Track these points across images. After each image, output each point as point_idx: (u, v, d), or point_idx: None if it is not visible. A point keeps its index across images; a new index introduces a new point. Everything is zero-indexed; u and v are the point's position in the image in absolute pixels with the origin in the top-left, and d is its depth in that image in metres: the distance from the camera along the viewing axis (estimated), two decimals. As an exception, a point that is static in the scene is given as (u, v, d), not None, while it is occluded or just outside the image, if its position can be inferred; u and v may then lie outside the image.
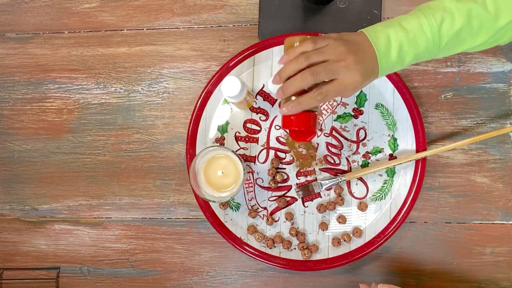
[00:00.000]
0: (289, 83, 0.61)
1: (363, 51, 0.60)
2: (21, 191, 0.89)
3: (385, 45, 0.60)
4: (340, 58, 0.59)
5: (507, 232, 0.80)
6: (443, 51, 0.63)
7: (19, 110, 0.89)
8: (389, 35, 0.60)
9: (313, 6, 0.83)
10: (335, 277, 0.82)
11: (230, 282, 0.84)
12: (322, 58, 0.60)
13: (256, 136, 0.82)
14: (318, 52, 0.60)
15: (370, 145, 0.81)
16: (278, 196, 0.82)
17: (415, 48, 0.61)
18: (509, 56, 0.81)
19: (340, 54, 0.60)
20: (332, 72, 0.60)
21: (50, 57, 0.89)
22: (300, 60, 0.60)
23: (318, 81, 0.60)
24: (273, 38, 0.81)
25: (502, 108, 0.81)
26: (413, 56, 0.61)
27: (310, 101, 0.61)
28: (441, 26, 0.60)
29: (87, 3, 0.89)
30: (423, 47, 0.61)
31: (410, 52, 0.61)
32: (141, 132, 0.87)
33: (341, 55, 0.60)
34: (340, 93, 0.61)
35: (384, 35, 0.60)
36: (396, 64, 0.62)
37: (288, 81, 0.61)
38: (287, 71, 0.61)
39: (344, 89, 0.60)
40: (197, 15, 0.87)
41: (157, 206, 0.86)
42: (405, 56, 0.61)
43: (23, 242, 0.89)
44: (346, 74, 0.59)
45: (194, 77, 0.86)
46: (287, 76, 0.61)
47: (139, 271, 0.86)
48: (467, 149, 0.81)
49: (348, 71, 0.59)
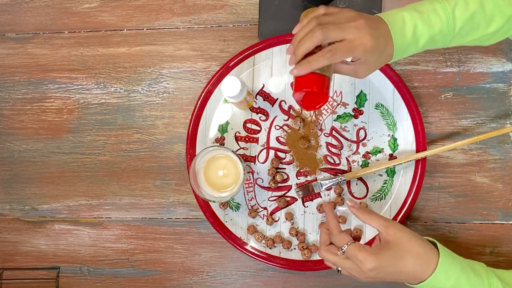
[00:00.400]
0: (300, 44, 0.60)
1: (376, 22, 0.60)
2: (21, 191, 0.89)
3: (399, 23, 0.60)
4: (351, 19, 0.59)
5: (507, 232, 0.80)
6: (458, 37, 0.63)
7: (19, 110, 0.89)
8: (404, 16, 0.61)
9: (313, 6, 0.83)
10: (335, 277, 0.82)
11: (230, 282, 0.84)
12: (333, 19, 0.60)
13: (256, 136, 0.82)
14: (329, 15, 0.61)
15: (370, 145, 0.81)
16: (278, 196, 0.82)
17: (429, 29, 0.61)
18: (509, 56, 0.81)
19: (351, 17, 0.60)
20: (342, 30, 0.59)
21: (50, 57, 0.89)
22: (311, 22, 0.60)
23: (327, 39, 0.59)
24: (273, 38, 0.81)
25: (502, 108, 0.81)
26: (428, 37, 0.61)
27: (320, 59, 0.59)
28: (454, 8, 0.61)
29: (87, 3, 0.89)
30: (437, 29, 0.61)
31: (425, 32, 0.61)
32: (141, 132, 0.87)
33: (352, 18, 0.60)
34: (350, 52, 0.59)
35: (398, 16, 0.61)
36: (411, 44, 0.61)
37: (299, 42, 0.61)
38: (299, 35, 0.61)
39: (353, 49, 0.59)
40: (197, 15, 0.87)
41: (157, 206, 0.86)
42: (420, 36, 0.61)
43: (23, 242, 0.89)
44: (356, 34, 0.58)
45: (194, 77, 0.86)
46: (299, 40, 0.61)
47: (139, 271, 0.86)
48: (467, 149, 0.81)
49: (359, 31, 0.59)
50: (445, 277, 0.60)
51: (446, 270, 0.60)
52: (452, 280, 0.61)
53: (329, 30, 0.59)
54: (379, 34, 0.59)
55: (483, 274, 0.63)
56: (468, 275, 0.61)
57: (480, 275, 0.62)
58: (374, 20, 0.60)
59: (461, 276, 0.61)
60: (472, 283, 0.61)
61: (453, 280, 0.61)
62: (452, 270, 0.61)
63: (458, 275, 0.61)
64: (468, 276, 0.61)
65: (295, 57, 0.62)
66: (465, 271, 0.61)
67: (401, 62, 0.82)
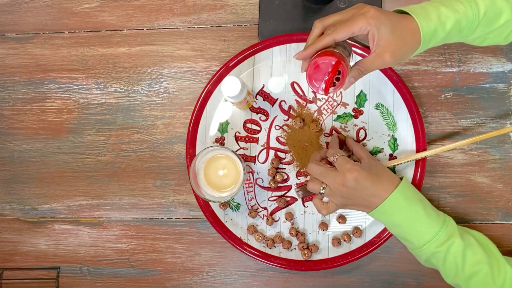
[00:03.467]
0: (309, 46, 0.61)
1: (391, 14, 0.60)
2: (21, 191, 0.89)
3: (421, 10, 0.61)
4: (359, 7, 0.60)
5: (507, 232, 0.80)
6: (483, 24, 0.63)
7: (19, 110, 0.89)
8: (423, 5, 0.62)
9: (313, 6, 0.83)
10: (335, 277, 0.82)
11: (230, 282, 0.84)
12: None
13: (256, 136, 0.82)
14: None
15: (370, 145, 0.80)
16: (278, 196, 0.82)
17: (454, 13, 0.61)
18: (509, 56, 0.81)
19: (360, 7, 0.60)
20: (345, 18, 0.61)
21: (50, 57, 0.89)
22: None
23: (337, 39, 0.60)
24: (273, 38, 0.81)
25: (502, 108, 0.81)
26: (454, 21, 0.61)
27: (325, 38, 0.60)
28: None
29: (87, 3, 0.89)
30: (462, 12, 0.61)
31: (450, 15, 0.61)
32: (141, 132, 0.87)
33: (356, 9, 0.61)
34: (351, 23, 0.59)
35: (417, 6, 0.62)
36: (438, 27, 0.61)
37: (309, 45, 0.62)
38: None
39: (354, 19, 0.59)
40: (197, 15, 0.87)
41: (157, 206, 0.86)
42: (446, 19, 0.61)
43: (23, 242, 0.89)
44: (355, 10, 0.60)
45: (194, 77, 0.86)
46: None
47: (139, 271, 0.86)
48: (467, 149, 0.81)
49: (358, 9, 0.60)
50: (404, 198, 0.67)
51: (406, 191, 0.68)
52: (409, 203, 0.67)
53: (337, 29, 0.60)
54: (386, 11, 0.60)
55: (437, 211, 0.70)
56: (425, 205, 0.69)
57: (435, 210, 0.70)
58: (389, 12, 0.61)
59: (418, 203, 0.68)
60: (428, 212, 0.68)
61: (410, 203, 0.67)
62: (411, 194, 0.68)
63: (415, 201, 0.68)
64: (425, 205, 0.68)
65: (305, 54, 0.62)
66: (422, 201, 0.69)
67: (401, 62, 0.82)
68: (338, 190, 0.68)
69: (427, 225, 0.67)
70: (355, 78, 0.62)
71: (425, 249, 0.67)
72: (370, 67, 0.61)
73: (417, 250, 0.68)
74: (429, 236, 0.66)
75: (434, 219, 0.67)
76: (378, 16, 0.59)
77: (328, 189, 0.70)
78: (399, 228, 0.69)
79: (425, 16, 0.60)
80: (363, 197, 0.68)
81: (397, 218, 0.68)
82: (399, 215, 0.67)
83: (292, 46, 0.82)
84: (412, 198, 0.68)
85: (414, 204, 0.67)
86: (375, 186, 0.67)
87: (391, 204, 0.67)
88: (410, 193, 0.68)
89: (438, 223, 0.67)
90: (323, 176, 0.70)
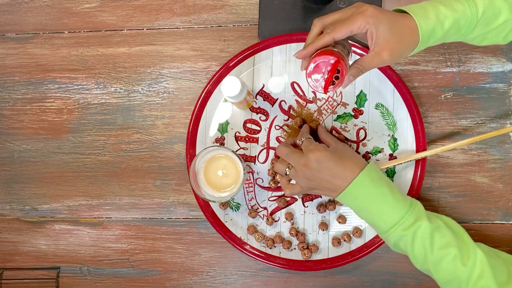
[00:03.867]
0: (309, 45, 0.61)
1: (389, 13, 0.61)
2: (21, 191, 0.89)
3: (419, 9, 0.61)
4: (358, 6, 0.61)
5: (507, 232, 0.80)
6: (481, 23, 0.63)
7: (19, 110, 0.89)
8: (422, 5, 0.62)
9: (313, 6, 0.83)
10: (335, 277, 0.82)
11: (230, 282, 0.84)
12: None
13: (256, 136, 0.82)
14: None
15: (370, 145, 0.81)
16: (278, 196, 0.82)
17: (453, 12, 0.61)
18: (509, 56, 0.81)
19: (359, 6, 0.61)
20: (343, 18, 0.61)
21: (50, 57, 0.89)
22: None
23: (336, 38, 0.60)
24: (273, 38, 0.81)
25: (502, 108, 0.81)
26: (453, 20, 0.61)
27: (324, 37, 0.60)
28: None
29: (87, 3, 0.89)
30: (460, 12, 0.61)
31: (449, 14, 0.61)
32: (141, 132, 0.87)
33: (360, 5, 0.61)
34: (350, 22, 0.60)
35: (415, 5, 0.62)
36: (437, 26, 0.61)
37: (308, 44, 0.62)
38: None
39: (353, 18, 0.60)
40: (197, 15, 0.87)
41: (157, 206, 0.86)
42: (444, 19, 0.61)
43: (23, 242, 0.89)
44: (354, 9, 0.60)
45: (194, 77, 0.86)
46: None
47: (139, 271, 0.86)
48: (467, 149, 0.81)
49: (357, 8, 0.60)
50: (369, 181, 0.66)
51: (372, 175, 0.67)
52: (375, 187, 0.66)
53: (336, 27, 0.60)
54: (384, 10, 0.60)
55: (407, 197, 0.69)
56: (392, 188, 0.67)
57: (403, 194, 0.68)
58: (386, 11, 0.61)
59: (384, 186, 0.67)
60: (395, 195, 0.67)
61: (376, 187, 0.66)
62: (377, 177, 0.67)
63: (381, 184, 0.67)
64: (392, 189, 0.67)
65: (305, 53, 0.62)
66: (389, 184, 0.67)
67: (401, 62, 0.82)
68: (301, 171, 0.69)
69: (394, 208, 0.66)
70: (354, 76, 0.63)
71: (392, 232, 0.66)
72: (369, 65, 0.62)
73: (385, 234, 0.67)
74: (396, 218, 0.65)
75: (401, 201, 0.66)
76: (377, 15, 0.59)
77: (293, 170, 0.71)
78: (366, 211, 0.67)
79: (423, 15, 0.60)
80: (326, 178, 0.67)
81: (364, 201, 0.67)
82: (365, 197, 0.66)
83: (292, 46, 0.82)
84: (379, 180, 0.67)
85: (381, 186, 0.66)
86: (338, 167, 0.67)
87: (356, 186, 0.66)
88: (376, 176, 0.67)
89: (405, 206, 0.66)
90: (288, 157, 0.71)
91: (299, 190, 0.72)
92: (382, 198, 0.66)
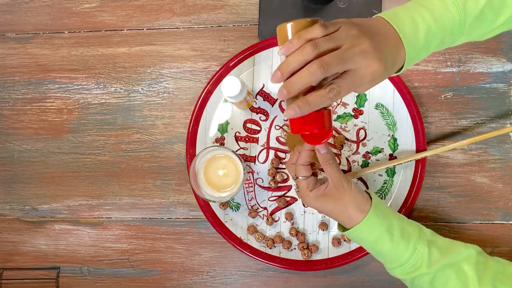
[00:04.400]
0: (294, 80, 0.51)
1: (382, 36, 0.52)
2: (21, 191, 0.89)
3: (411, 29, 0.53)
4: (354, 43, 0.50)
5: (507, 232, 0.80)
6: (465, 35, 0.57)
7: (19, 110, 0.89)
8: (414, 17, 0.53)
9: (313, 6, 0.83)
10: (335, 277, 0.82)
11: (230, 282, 0.84)
12: (333, 45, 0.50)
13: (256, 136, 0.82)
14: (327, 39, 0.50)
15: (370, 145, 0.81)
16: (278, 196, 0.82)
17: (442, 30, 0.54)
18: (509, 56, 0.81)
19: (354, 39, 0.51)
20: (345, 62, 0.50)
21: (50, 57, 0.89)
22: (307, 50, 0.50)
23: (328, 74, 0.50)
24: (273, 38, 0.81)
25: (502, 108, 0.81)
26: (440, 40, 0.55)
27: (321, 100, 0.51)
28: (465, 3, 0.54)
29: (87, 3, 0.89)
30: (449, 29, 0.55)
31: (438, 35, 0.54)
32: (141, 132, 0.87)
33: (355, 39, 0.51)
34: (355, 87, 0.52)
35: (408, 18, 0.53)
36: (422, 50, 0.55)
37: (292, 77, 0.51)
38: (291, 64, 0.51)
39: (360, 82, 0.52)
40: (197, 15, 0.87)
41: (157, 206, 0.86)
42: (432, 40, 0.54)
43: (23, 242, 0.89)
44: (362, 62, 0.51)
45: (194, 77, 0.86)
46: (291, 71, 0.51)
47: (139, 271, 0.86)
48: (467, 149, 0.81)
49: (365, 58, 0.50)
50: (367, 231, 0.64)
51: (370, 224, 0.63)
52: (373, 236, 0.64)
53: (331, 67, 0.50)
54: (387, 54, 0.52)
55: (412, 237, 0.64)
56: (392, 236, 0.63)
57: (408, 239, 0.64)
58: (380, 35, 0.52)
59: (384, 235, 0.63)
60: (395, 243, 0.63)
61: (375, 236, 0.64)
62: (376, 226, 0.64)
63: (380, 233, 0.63)
64: (392, 237, 0.63)
65: (287, 93, 0.52)
66: (391, 231, 0.63)
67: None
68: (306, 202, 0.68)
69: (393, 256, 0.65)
70: None
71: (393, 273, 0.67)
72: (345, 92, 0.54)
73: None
74: (395, 264, 0.65)
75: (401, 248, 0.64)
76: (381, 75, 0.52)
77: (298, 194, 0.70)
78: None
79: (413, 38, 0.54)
80: (333, 216, 0.67)
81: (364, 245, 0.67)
82: (364, 244, 0.67)
83: (292, 46, 0.81)
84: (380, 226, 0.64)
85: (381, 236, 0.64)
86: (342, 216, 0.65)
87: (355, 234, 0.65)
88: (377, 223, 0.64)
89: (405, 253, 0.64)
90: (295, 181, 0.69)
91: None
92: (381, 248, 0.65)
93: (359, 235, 0.65)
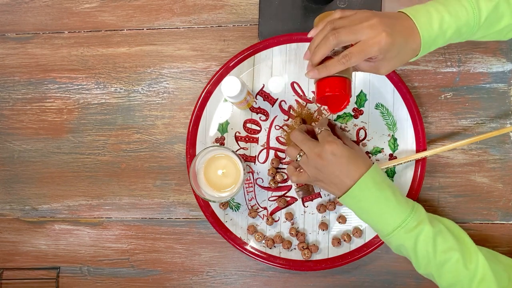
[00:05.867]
0: (316, 50, 0.61)
1: (394, 18, 0.60)
2: (21, 191, 0.89)
3: (424, 16, 0.60)
4: (364, 20, 0.59)
5: (507, 232, 0.80)
6: (483, 28, 0.63)
7: (19, 110, 0.89)
8: (428, 9, 0.61)
9: (313, 6, 0.83)
10: (335, 277, 0.82)
11: (230, 282, 0.84)
12: (347, 22, 0.60)
13: (256, 136, 0.82)
14: (343, 18, 0.61)
15: (370, 145, 0.81)
16: (278, 196, 0.82)
17: (456, 21, 0.61)
18: (509, 56, 0.81)
19: (365, 18, 0.59)
20: (354, 32, 0.59)
21: (50, 57, 0.89)
22: (326, 27, 0.61)
23: (341, 43, 0.59)
24: (273, 38, 0.81)
25: (502, 108, 0.81)
26: (455, 28, 0.61)
27: (336, 65, 0.60)
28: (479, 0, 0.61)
29: (87, 3, 0.89)
30: (464, 20, 0.61)
31: (452, 24, 0.61)
32: (141, 132, 0.87)
33: (366, 18, 0.59)
34: (364, 54, 0.59)
35: (422, 9, 0.61)
36: (438, 37, 0.61)
37: (315, 48, 0.61)
38: (316, 41, 0.62)
39: (367, 49, 0.59)
40: (197, 15, 0.87)
41: (157, 206, 0.86)
42: (448, 28, 0.61)
43: (23, 242, 0.89)
44: (369, 33, 0.58)
45: (194, 77, 0.86)
46: (315, 46, 0.62)
47: (139, 271, 0.86)
48: (467, 149, 0.81)
49: (372, 30, 0.58)
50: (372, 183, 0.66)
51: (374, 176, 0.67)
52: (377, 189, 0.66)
53: (341, 35, 0.59)
54: (396, 31, 0.59)
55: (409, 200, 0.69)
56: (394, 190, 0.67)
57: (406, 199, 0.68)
58: (390, 17, 0.60)
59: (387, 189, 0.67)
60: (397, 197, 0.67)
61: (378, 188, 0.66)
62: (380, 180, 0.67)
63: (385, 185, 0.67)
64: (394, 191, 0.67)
65: (312, 63, 0.63)
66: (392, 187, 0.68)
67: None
68: (313, 160, 0.69)
69: (396, 211, 0.66)
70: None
71: (394, 235, 0.66)
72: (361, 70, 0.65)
73: (387, 237, 0.67)
74: (398, 221, 0.65)
75: (403, 204, 0.66)
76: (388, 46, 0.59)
77: (304, 157, 0.70)
78: (368, 214, 0.68)
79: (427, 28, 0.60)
80: (336, 173, 0.67)
81: (366, 203, 0.67)
82: (368, 200, 0.66)
83: (292, 46, 0.82)
84: (382, 183, 0.67)
85: (384, 189, 0.66)
86: (350, 165, 0.67)
87: (360, 187, 0.66)
88: (379, 178, 0.67)
89: (407, 209, 0.66)
90: (303, 144, 0.71)
91: (305, 178, 0.72)
92: (385, 200, 0.66)
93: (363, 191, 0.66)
